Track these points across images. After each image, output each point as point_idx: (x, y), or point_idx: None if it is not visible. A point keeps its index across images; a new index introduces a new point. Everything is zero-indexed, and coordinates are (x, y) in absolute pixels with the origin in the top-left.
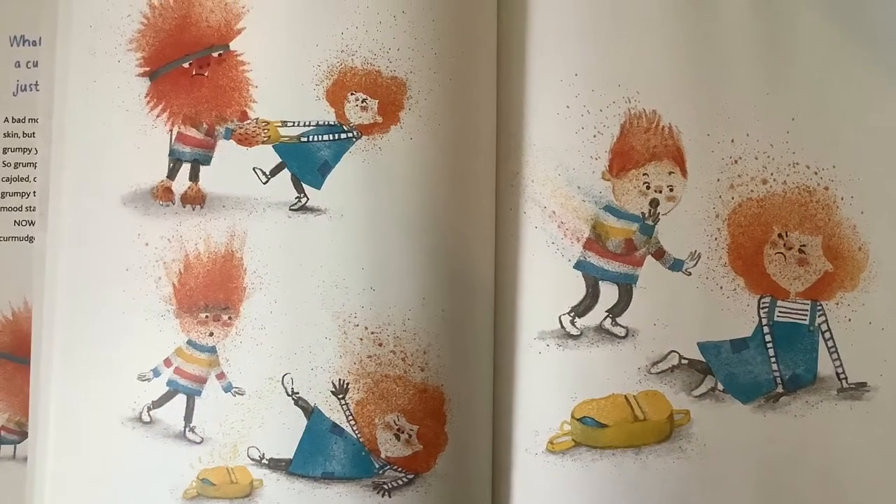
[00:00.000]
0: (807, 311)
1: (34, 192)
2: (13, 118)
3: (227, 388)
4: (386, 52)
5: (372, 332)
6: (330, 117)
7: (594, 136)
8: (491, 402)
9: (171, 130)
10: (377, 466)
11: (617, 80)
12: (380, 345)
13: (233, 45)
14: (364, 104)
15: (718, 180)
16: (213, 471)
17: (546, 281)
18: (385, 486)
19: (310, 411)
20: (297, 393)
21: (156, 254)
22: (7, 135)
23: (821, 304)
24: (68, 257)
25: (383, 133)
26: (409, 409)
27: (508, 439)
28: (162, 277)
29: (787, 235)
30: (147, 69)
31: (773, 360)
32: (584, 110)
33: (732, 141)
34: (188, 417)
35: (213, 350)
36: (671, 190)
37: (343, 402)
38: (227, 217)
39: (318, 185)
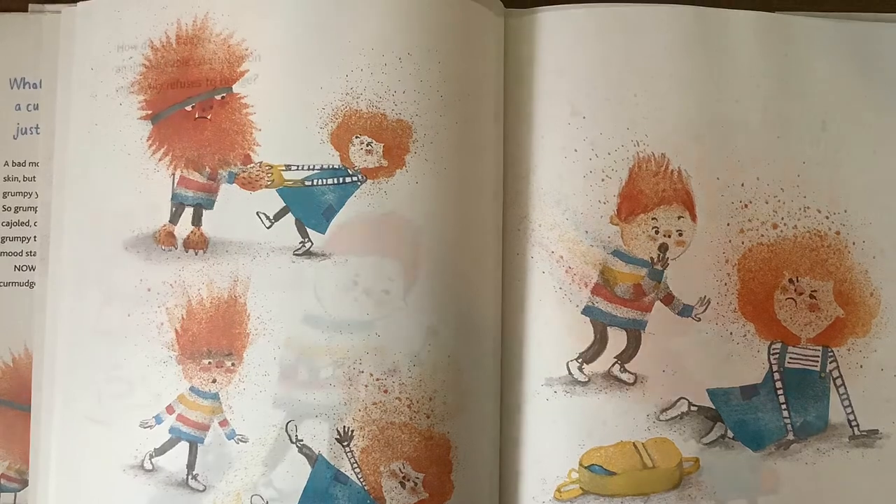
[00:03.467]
0: (818, 357)
1: (35, 237)
2: (13, 162)
3: (230, 436)
4: (391, 94)
5: (377, 379)
6: (334, 161)
7: (602, 180)
8: (498, 449)
9: (173, 174)
10: None
11: (625, 123)
12: (385, 391)
13: (236, 88)
14: (369, 147)
15: (728, 224)
16: None
17: (553, 326)
18: None
19: (314, 459)
20: (301, 440)
21: (158, 299)
22: (7, 178)
23: (832, 350)
24: (69, 303)
25: (388, 177)
26: (414, 456)
27: (515, 487)
28: (164, 323)
29: (797, 280)
30: (149, 112)
31: (783, 407)
32: (592, 154)
33: (742, 185)
34: (191, 465)
35: (215, 397)
36: (680, 234)
37: (348, 449)
38: (231, 262)
39: (322, 230)
